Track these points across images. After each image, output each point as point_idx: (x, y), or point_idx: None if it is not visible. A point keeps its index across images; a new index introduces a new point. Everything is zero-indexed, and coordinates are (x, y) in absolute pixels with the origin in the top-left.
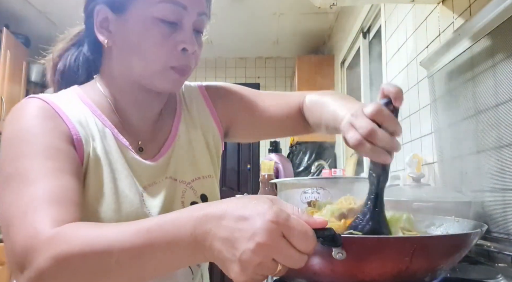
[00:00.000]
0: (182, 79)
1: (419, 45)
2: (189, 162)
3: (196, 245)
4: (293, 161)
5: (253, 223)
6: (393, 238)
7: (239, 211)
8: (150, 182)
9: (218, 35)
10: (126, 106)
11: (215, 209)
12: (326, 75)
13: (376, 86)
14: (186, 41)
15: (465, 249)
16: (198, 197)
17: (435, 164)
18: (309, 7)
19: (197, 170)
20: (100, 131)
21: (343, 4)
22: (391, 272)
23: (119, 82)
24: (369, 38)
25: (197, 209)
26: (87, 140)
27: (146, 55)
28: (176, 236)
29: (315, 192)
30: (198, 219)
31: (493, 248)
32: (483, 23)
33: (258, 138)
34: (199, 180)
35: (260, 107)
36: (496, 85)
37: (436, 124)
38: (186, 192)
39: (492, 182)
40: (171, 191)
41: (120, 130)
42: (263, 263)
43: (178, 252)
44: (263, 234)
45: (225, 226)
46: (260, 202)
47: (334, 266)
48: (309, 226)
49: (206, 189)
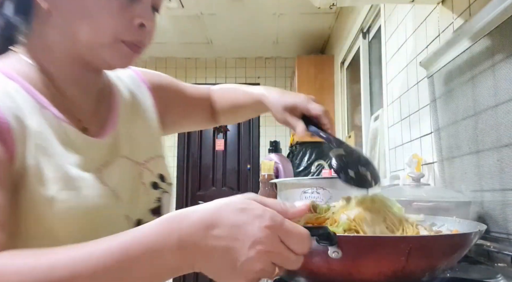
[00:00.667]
0: (134, 56)
1: (418, 45)
2: (137, 142)
3: (183, 258)
4: (293, 161)
5: (250, 230)
6: (389, 237)
7: (232, 218)
8: (103, 162)
9: (218, 35)
10: (63, 82)
11: (201, 217)
12: (326, 75)
13: (376, 86)
14: (145, 16)
15: (463, 249)
16: (156, 176)
17: (435, 164)
18: (309, 7)
19: (148, 150)
20: (35, 110)
21: (343, 4)
22: (387, 271)
23: (56, 54)
24: (369, 38)
25: (177, 217)
26: (18, 122)
27: (97, 25)
28: (159, 250)
29: (315, 192)
30: (183, 229)
31: (492, 248)
32: (483, 23)
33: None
34: (153, 160)
35: (188, 96)
36: (496, 85)
37: (436, 124)
38: (143, 173)
39: (491, 182)
40: (128, 172)
41: (59, 108)
42: (264, 268)
43: (161, 267)
44: (263, 242)
45: (218, 236)
46: (250, 206)
47: (331, 265)
48: (303, 228)
49: (161, 169)
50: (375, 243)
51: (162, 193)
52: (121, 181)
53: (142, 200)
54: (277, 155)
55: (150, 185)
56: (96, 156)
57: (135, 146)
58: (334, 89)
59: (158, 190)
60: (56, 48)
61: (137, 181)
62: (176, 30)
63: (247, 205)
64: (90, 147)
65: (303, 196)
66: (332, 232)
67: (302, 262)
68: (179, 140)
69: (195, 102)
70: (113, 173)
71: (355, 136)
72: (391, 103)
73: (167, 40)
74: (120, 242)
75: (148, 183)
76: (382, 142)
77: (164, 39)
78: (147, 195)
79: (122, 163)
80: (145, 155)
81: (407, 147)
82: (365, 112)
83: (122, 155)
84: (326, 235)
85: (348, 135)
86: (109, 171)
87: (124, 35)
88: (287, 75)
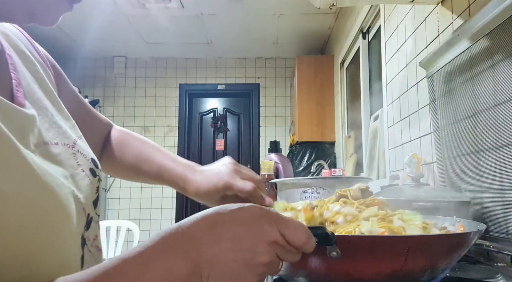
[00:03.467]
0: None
1: (418, 46)
2: (54, 119)
3: (192, 269)
4: (293, 161)
5: (252, 226)
6: (387, 236)
7: (232, 217)
8: (35, 142)
9: (218, 35)
10: None
11: (201, 226)
12: (325, 75)
13: (376, 86)
14: None
15: (463, 249)
16: (90, 161)
17: (434, 164)
18: (309, 7)
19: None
20: None
21: (343, 4)
22: (386, 270)
23: None
24: (369, 38)
25: (173, 233)
26: None
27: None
28: (167, 268)
29: (315, 192)
30: (185, 240)
31: (492, 247)
32: (482, 23)
33: None
34: (79, 141)
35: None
36: (495, 85)
37: (435, 124)
38: (78, 157)
39: (491, 181)
40: (63, 153)
41: None
42: (271, 260)
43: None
44: (266, 233)
45: (223, 238)
46: (245, 205)
47: (330, 264)
48: (298, 221)
49: (91, 152)
50: (373, 243)
51: (99, 182)
52: (60, 165)
53: (85, 189)
54: (277, 155)
55: (90, 172)
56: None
57: (54, 123)
58: (334, 89)
59: (96, 178)
60: None
61: (75, 167)
62: (176, 30)
63: (242, 205)
64: (23, 122)
65: (303, 196)
66: (330, 232)
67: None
68: (179, 140)
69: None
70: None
71: (354, 136)
72: (391, 103)
73: (167, 40)
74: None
75: (88, 169)
76: (381, 142)
77: (164, 39)
78: (90, 185)
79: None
80: (69, 136)
81: (406, 147)
82: (365, 112)
83: (48, 134)
84: (325, 235)
85: (348, 135)
86: (44, 151)
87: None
88: (287, 75)
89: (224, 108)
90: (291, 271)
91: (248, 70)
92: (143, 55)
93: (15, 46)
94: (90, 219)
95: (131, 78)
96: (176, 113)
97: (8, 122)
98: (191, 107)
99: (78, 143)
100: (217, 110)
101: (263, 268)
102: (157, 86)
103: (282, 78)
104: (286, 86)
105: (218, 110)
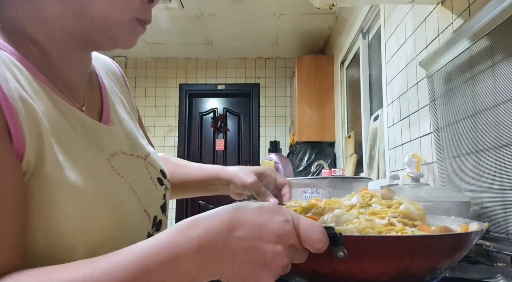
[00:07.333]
0: (141, 34)
1: (418, 46)
2: (132, 136)
3: (203, 265)
4: (293, 161)
5: (272, 227)
6: (394, 237)
7: (251, 217)
8: (112, 152)
9: (218, 35)
10: (58, 60)
11: (221, 220)
12: (325, 75)
13: (376, 86)
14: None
15: (466, 248)
16: (159, 172)
17: (434, 164)
18: (308, 7)
19: (143, 145)
20: (37, 89)
21: (343, 4)
22: (392, 271)
23: (52, 28)
24: (369, 38)
25: (195, 223)
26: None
27: (116, 1)
28: (178, 259)
29: (315, 192)
30: (202, 235)
31: (492, 247)
32: (482, 23)
33: None
34: (150, 156)
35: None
36: (495, 85)
37: (435, 124)
38: (149, 168)
39: (491, 182)
40: (136, 165)
41: (57, 88)
42: (289, 262)
43: (180, 276)
44: (287, 235)
45: (240, 237)
46: (264, 205)
47: (335, 265)
48: (313, 220)
49: (160, 165)
50: (380, 243)
51: (165, 190)
52: (132, 174)
53: (153, 196)
54: (277, 155)
55: (157, 181)
56: (107, 144)
57: (131, 139)
58: (334, 89)
59: (163, 186)
60: (56, 21)
61: (146, 176)
62: (176, 30)
63: (261, 204)
64: (102, 134)
65: (303, 196)
66: (338, 232)
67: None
68: (179, 140)
69: None
70: (123, 164)
71: (354, 136)
72: (391, 103)
73: (167, 40)
74: (139, 256)
75: (155, 178)
76: (381, 142)
77: (164, 39)
78: (156, 191)
79: (127, 156)
80: (143, 150)
81: (406, 147)
82: (364, 112)
83: (124, 147)
84: (332, 235)
85: (348, 135)
86: (117, 162)
87: (139, 13)
88: (287, 75)
89: (224, 108)
90: (296, 271)
91: (248, 70)
92: (143, 55)
93: (109, 75)
94: (159, 221)
95: (131, 78)
96: (176, 113)
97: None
98: (191, 107)
99: (151, 156)
100: (217, 110)
101: (280, 270)
102: (157, 86)
103: (282, 78)
104: (286, 86)
105: (218, 110)
